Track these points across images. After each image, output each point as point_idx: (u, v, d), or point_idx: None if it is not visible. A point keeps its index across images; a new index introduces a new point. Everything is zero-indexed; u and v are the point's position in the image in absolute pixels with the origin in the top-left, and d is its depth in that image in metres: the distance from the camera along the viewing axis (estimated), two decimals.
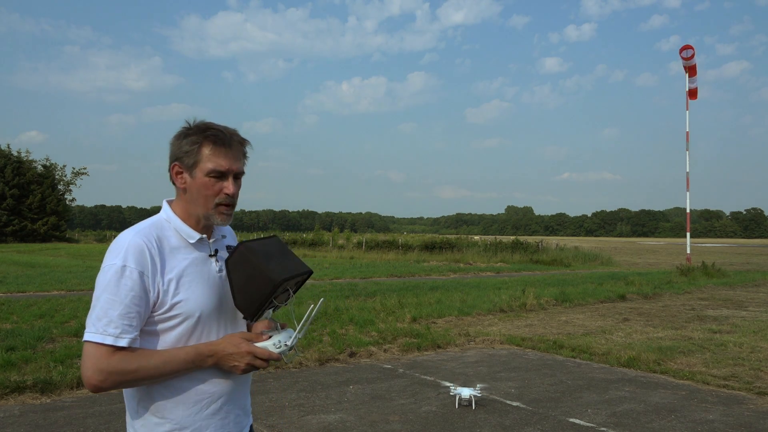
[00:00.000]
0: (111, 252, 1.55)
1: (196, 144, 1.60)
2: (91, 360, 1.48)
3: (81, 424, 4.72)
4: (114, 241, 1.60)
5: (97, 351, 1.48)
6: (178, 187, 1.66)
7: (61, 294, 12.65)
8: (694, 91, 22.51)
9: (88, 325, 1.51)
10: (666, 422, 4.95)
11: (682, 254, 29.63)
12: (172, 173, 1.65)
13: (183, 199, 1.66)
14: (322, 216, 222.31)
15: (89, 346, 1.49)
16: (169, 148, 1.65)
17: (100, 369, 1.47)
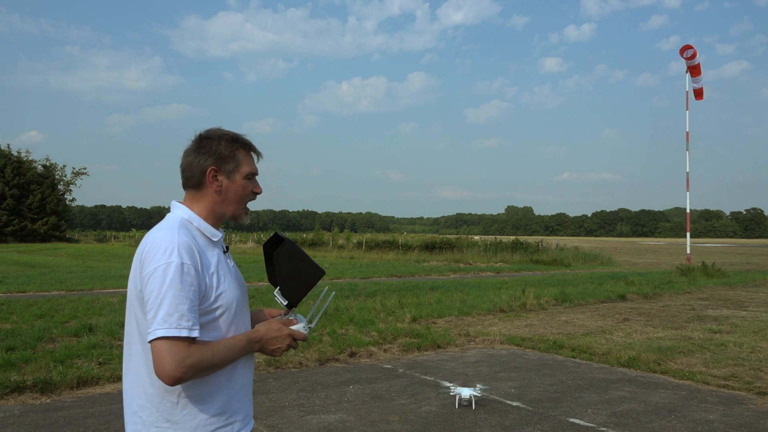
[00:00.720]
0: (161, 250, 1.62)
1: (233, 150, 1.76)
2: (170, 355, 1.56)
3: (81, 424, 4.72)
4: (155, 241, 1.65)
5: (175, 345, 1.56)
6: (210, 189, 1.76)
7: (61, 294, 12.65)
8: (700, 91, 22.20)
9: (158, 322, 1.57)
10: (666, 422, 4.95)
11: (682, 254, 29.64)
12: (208, 176, 1.75)
13: (210, 200, 1.77)
14: (322, 216, 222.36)
15: (165, 343, 1.56)
16: (196, 155, 1.76)
17: (181, 362, 1.56)
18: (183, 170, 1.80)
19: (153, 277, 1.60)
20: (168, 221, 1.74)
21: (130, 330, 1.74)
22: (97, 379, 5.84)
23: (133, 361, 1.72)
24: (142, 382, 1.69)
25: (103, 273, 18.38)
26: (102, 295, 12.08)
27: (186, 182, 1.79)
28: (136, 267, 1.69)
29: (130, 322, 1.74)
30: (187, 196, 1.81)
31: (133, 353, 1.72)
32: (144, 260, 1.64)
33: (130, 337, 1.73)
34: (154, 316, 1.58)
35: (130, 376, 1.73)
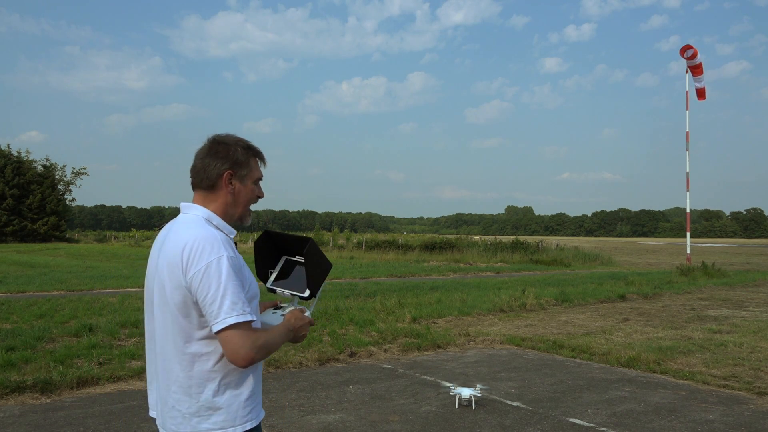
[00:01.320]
0: (207, 246, 1.72)
1: (248, 157, 1.90)
2: (242, 339, 1.69)
3: (81, 424, 4.72)
4: (196, 238, 1.73)
5: (246, 330, 1.70)
6: (224, 191, 1.87)
7: (61, 294, 12.65)
8: (702, 90, 22.08)
9: (225, 312, 1.68)
10: (666, 422, 4.95)
11: (682, 254, 29.64)
12: (224, 179, 1.86)
13: (223, 201, 1.88)
14: (322, 216, 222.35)
15: (236, 329, 1.69)
16: (214, 158, 1.86)
17: (254, 343, 1.70)
18: (198, 171, 1.88)
19: (207, 272, 1.69)
20: (192, 220, 1.83)
21: (162, 330, 1.80)
22: (97, 379, 5.84)
23: (167, 362, 1.79)
24: (176, 377, 1.77)
25: (103, 273, 18.38)
26: (102, 295, 12.08)
27: (200, 183, 1.88)
28: (174, 267, 1.74)
29: (162, 322, 1.80)
30: (199, 196, 1.89)
31: (165, 352, 1.80)
32: (190, 258, 1.71)
33: (163, 338, 1.80)
34: (219, 306, 1.68)
35: (163, 376, 1.81)
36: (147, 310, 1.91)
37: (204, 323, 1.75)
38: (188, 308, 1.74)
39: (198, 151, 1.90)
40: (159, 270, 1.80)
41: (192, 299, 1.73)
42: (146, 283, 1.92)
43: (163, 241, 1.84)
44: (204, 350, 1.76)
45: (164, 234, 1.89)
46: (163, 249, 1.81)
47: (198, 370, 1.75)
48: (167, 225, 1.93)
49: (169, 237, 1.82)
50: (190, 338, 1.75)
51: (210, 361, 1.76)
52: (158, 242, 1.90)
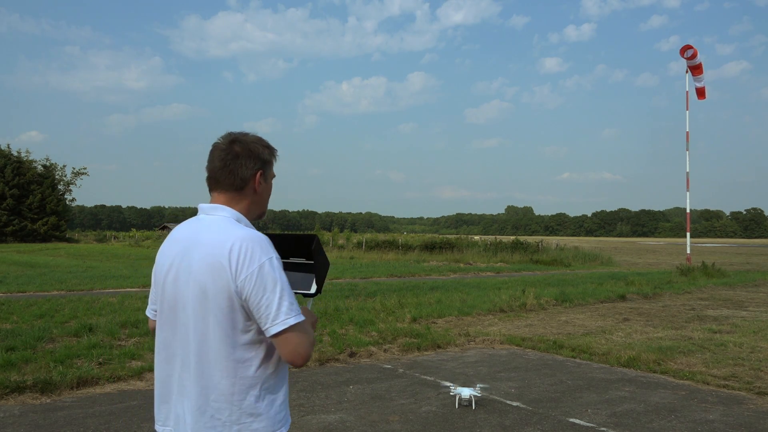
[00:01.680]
0: (257, 247, 1.69)
1: (271, 155, 1.90)
2: (302, 338, 1.70)
3: (81, 424, 4.72)
4: (243, 239, 1.70)
5: (304, 329, 1.71)
6: (251, 191, 1.85)
7: (61, 294, 12.65)
8: (702, 90, 22.14)
9: (285, 313, 1.67)
10: (666, 422, 4.95)
11: (682, 254, 29.64)
12: (256, 178, 1.84)
13: (249, 201, 1.86)
14: (322, 216, 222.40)
15: (296, 329, 1.69)
16: (246, 158, 1.82)
17: (311, 342, 1.73)
18: (227, 172, 1.81)
19: (261, 274, 1.66)
20: (223, 221, 1.77)
21: (200, 337, 1.71)
22: (97, 379, 5.84)
23: (204, 369, 1.71)
24: (217, 385, 1.70)
25: (103, 273, 18.38)
26: (102, 295, 12.08)
27: (228, 184, 1.81)
28: (219, 270, 1.67)
29: (201, 328, 1.71)
30: (224, 197, 1.82)
31: (205, 360, 1.71)
32: (240, 260, 1.66)
33: (201, 345, 1.71)
34: (278, 308, 1.67)
35: (199, 385, 1.72)
36: (166, 318, 1.80)
37: (248, 327, 1.70)
38: (234, 312, 1.68)
39: (219, 152, 1.82)
40: (196, 274, 1.71)
41: (239, 302, 1.67)
42: (166, 290, 1.80)
43: (193, 244, 1.75)
44: (247, 355, 1.71)
45: (188, 235, 1.79)
46: (195, 251, 1.73)
47: (241, 376, 1.70)
48: (186, 227, 1.83)
49: (203, 239, 1.74)
50: (234, 343, 1.70)
51: (252, 366, 1.72)
52: (179, 244, 1.80)
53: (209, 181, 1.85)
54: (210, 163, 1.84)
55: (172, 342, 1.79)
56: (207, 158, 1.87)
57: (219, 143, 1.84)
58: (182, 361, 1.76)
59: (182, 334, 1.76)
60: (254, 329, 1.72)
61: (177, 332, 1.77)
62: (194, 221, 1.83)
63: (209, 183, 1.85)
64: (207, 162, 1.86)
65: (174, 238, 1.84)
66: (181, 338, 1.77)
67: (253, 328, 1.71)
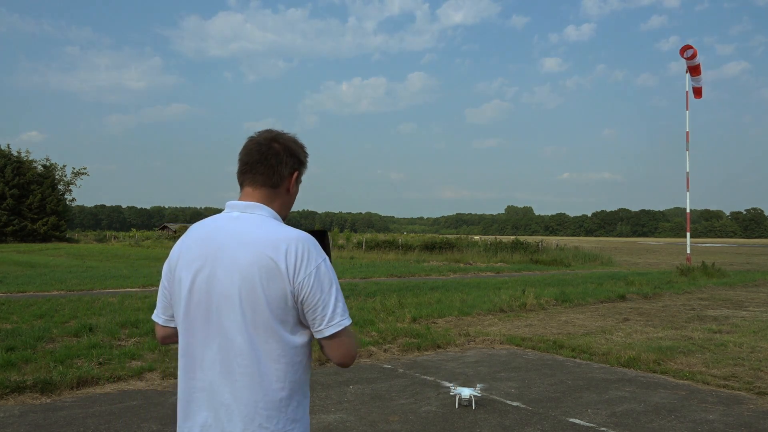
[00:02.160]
0: (312, 249, 1.67)
1: (306, 157, 1.87)
2: (353, 339, 1.75)
3: (81, 424, 4.72)
4: (298, 239, 1.65)
5: (353, 331, 1.75)
6: (284, 190, 1.79)
7: (61, 294, 12.65)
8: (699, 89, 22.32)
9: (340, 314, 1.70)
10: (666, 422, 4.95)
11: (682, 254, 29.64)
12: (292, 178, 1.80)
13: (282, 200, 1.80)
14: (322, 216, 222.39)
15: (350, 330, 1.73)
16: (287, 156, 1.78)
17: (357, 341, 1.67)
18: (267, 167, 1.73)
19: (318, 275, 1.65)
20: (269, 220, 1.70)
21: (247, 342, 1.61)
22: (97, 379, 5.84)
23: (255, 374, 1.62)
24: (268, 390, 1.63)
25: (103, 273, 18.38)
26: (102, 295, 12.08)
27: (265, 180, 1.74)
28: (272, 271, 1.59)
29: (249, 332, 1.61)
30: (259, 194, 1.74)
31: (253, 365, 1.62)
32: (297, 261, 1.61)
33: (249, 351, 1.61)
34: (334, 309, 1.68)
35: (250, 391, 1.62)
36: (196, 322, 1.66)
37: (298, 329, 1.66)
38: (287, 314, 1.62)
39: (258, 146, 1.74)
40: (244, 274, 1.60)
41: (293, 304, 1.62)
42: (195, 291, 1.66)
43: (235, 243, 1.63)
44: (297, 358, 1.67)
45: (225, 233, 1.66)
46: (241, 251, 1.61)
47: (290, 380, 1.66)
48: (219, 223, 1.70)
49: (248, 238, 1.62)
50: (285, 346, 1.63)
51: (299, 370, 1.69)
52: (212, 242, 1.66)
53: (243, 174, 1.75)
54: (246, 156, 1.75)
55: (205, 348, 1.65)
56: (241, 151, 1.78)
57: (258, 137, 1.77)
58: (221, 368, 1.62)
59: (222, 338, 1.63)
60: (304, 332, 1.68)
61: (214, 335, 1.64)
62: (227, 219, 1.70)
63: (243, 177, 1.75)
64: (241, 155, 1.77)
65: (202, 235, 1.70)
66: (220, 342, 1.63)
67: (303, 330, 1.68)
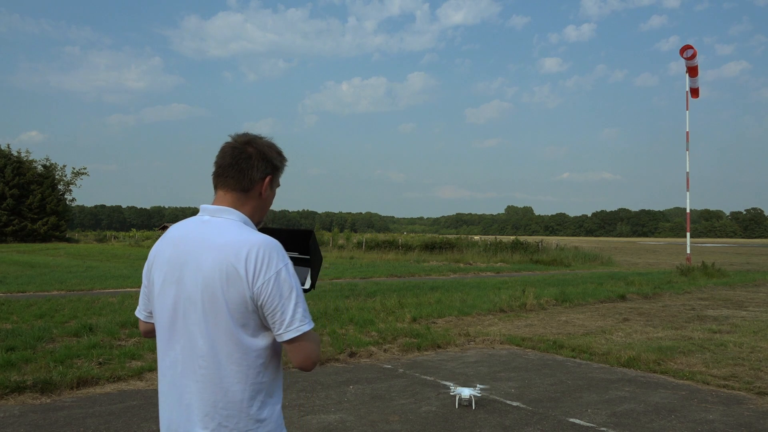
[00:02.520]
0: (274, 253, 1.67)
1: (282, 163, 1.86)
2: (314, 344, 1.72)
3: (81, 424, 4.72)
4: (260, 244, 1.66)
5: (315, 335, 1.73)
6: (256, 195, 1.80)
7: (61, 294, 12.65)
8: (696, 90, 22.50)
9: (302, 318, 1.68)
10: (666, 422, 4.95)
11: (682, 254, 29.64)
12: (264, 183, 1.80)
13: (253, 205, 1.81)
14: (322, 216, 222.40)
15: (310, 335, 1.71)
16: (258, 160, 1.78)
17: (319, 347, 1.74)
18: (238, 171, 1.75)
19: (278, 280, 1.65)
20: (236, 224, 1.72)
21: (209, 343, 1.67)
22: (97, 379, 5.84)
23: (212, 375, 1.67)
24: (227, 391, 1.67)
25: (103, 273, 18.38)
26: (102, 295, 12.08)
27: (236, 184, 1.76)
28: (233, 275, 1.63)
29: (211, 334, 1.66)
30: (230, 198, 1.77)
31: (213, 366, 1.67)
32: (257, 266, 1.63)
33: (211, 351, 1.67)
34: (293, 315, 1.66)
35: (207, 393, 1.68)
36: (166, 322, 1.74)
37: (260, 333, 1.68)
38: (247, 318, 1.66)
39: (231, 149, 1.77)
40: (207, 278, 1.65)
41: (253, 308, 1.65)
42: (165, 292, 1.74)
43: (201, 246, 1.68)
44: (258, 361, 1.70)
45: (193, 237, 1.72)
46: (205, 255, 1.66)
47: (251, 382, 1.69)
48: (189, 227, 1.76)
49: (213, 242, 1.67)
50: (245, 349, 1.67)
51: (261, 372, 1.70)
52: (182, 245, 1.73)
53: (217, 177, 1.78)
54: (220, 159, 1.78)
55: (170, 350, 1.73)
56: (217, 154, 1.80)
57: (233, 141, 1.79)
58: (183, 369, 1.70)
59: (186, 339, 1.69)
60: (266, 335, 1.70)
61: (178, 336, 1.71)
62: (197, 222, 1.76)
63: (216, 179, 1.78)
64: (216, 158, 1.79)
65: (174, 238, 1.76)
66: (183, 343, 1.70)
67: (265, 333, 1.70)
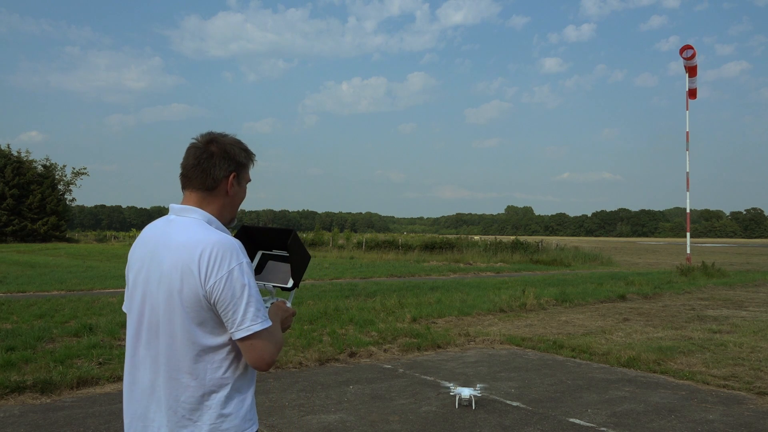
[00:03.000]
0: (228, 252, 1.68)
1: (247, 159, 1.87)
2: (267, 344, 1.71)
3: (81, 424, 4.72)
4: (215, 243, 1.68)
5: (269, 335, 1.72)
6: (223, 193, 1.82)
7: (61, 294, 12.65)
8: (694, 90, 22.60)
9: (253, 318, 1.68)
10: (666, 422, 4.95)
11: (682, 254, 29.65)
12: (229, 180, 1.81)
13: (220, 203, 1.83)
14: (322, 216, 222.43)
15: (264, 334, 1.70)
16: (220, 159, 1.80)
17: (275, 347, 1.73)
18: (200, 171, 1.78)
19: (230, 279, 1.66)
20: (194, 223, 1.75)
21: (169, 339, 1.72)
22: (97, 379, 5.84)
23: (173, 370, 1.72)
24: (187, 387, 1.71)
25: (103, 273, 18.39)
26: (102, 295, 12.08)
27: (200, 184, 1.79)
28: (188, 274, 1.67)
29: (170, 330, 1.71)
30: (195, 197, 1.81)
31: (174, 361, 1.72)
32: (210, 265, 1.66)
33: (171, 347, 1.72)
34: (244, 314, 1.67)
35: (170, 386, 1.73)
36: (136, 320, 1.79)
37: (218, 331, 1.71)
38: (203, 316, 1.69)
39: (194, 150, 1.80)
40: (166, 277, 1.70)
41: (208, 307, 1.68)
42: (136, 292, 1.80)
43: (162, 246, 1.74)
44: (216, 357, 1.72)
45: (157, 237, 1.78)
46: (166, 254, 1.72)
47: (210, 378, 1.72)
48: (156, 227, 1.82)
49: (172, 241, 1.72)
50: (203, 346, 1.71)
51: (222, 368, 1.73)
52: (148, 246, 1.79)
53: (182, 178, 1.82)
54: (184, 161, 1.82)
55: (139, 347, 1.78)
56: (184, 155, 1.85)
57: (196, 141, 1.82)
58: (151, 363, 1.75)
59: (151, 336, 1.75)
60: (225, 332, 1.72)
61: (145, 334, 1.76)
62: (164, 222, 1.81)
63: (182, 180, 1.83)
64: (182, 160, 1.83)
65: (144, 239, 1.82)
66: (149, 340, 1.76)
67: (224, 331, 1.72)
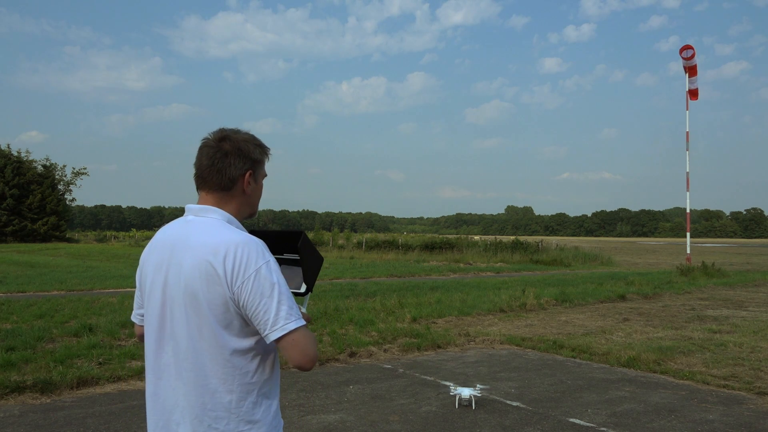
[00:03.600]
0: (253, 251, 1.64)
1: (262, 154, 1.83)
2: (308, 340, 1.65)
3: (81, 424, 4.72)
4: (237, 243, 1.64)
5: (307, 332, 1.66)
6: (240, 191, 1.77)
7: (61, 294, 12.65)
8: (695, 91, 22.58)
9: (286, 316, 1.63)
10: (666, 422, 4.95)
11: (682, 254, 29.64)
12: (245, 178, 1.77)
13: (238, 201, 1.79)
14: (322, 216, 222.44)
15: (300, 333, 1.64)
16: (235, 157, 1.75)
17: (315, 344, 1.68)
18: (215, 171, 1.73)
19: (258, 279, 1.61)
20: (214, 224, 1.70)
21: (192, 344, 1.66)
22: (97, 379, 5.84)
23: (199, 376, 1.66)
24: (214, 393, 1.66)
25: (103, 273, 18.38)
26: (102, 295, 12.08)
27: (216, 183, 1.74)
28: (212, 276, 1.62)
29: (194, 335, 1.66)
30: (213, 197, 1.76)
31: (199, 367, 1.66)
32: (236, 266, 1.61)
33: (196, 352, 1.66)
34: (277, 313, 1.62)
35: (196, 393, 1.67)
36: (154, 325, 1.73)
37: (245, 333, 1.66)
38: (230, 318, 1.63)
39: (207, 149, 1.74)
40: (188, 280, 1.64)
41: (235, 309, 1.63)
42: (152, 295, 1.74)
43: (183, 247, 1.68)
44: (244, 361, 1.67)
45: (176, 238, 1.72)
46: (186, 256, 1.66)
47: (238, 383, 1.66)
48: (174, 228, 1.76)
49: (193, 242, 1.66)
50: (231, 350, 1.65)
51: (249, 372, 1.68)
52: (166, 247, 1.72)
53: (197, 179, 1.77)
54: (198, 161, 1.76)
55: (161, 352, 1.72)
56: (196, 156, 1.78)
57: (208, 140, 1.76)
58: (175, 371, 1.69)
59: (174, 342, 1.69)
60: (252, 335, 1.67)
61: (167, 339, 1.71)
62: (182, 223, 1.76)
63: (197, 181, 1.78)
64: (195, 160, 1.77)
65: (160, 241, 1.76)
66: (172, 345, 1.70)
67: (251, 333, 1.67)
